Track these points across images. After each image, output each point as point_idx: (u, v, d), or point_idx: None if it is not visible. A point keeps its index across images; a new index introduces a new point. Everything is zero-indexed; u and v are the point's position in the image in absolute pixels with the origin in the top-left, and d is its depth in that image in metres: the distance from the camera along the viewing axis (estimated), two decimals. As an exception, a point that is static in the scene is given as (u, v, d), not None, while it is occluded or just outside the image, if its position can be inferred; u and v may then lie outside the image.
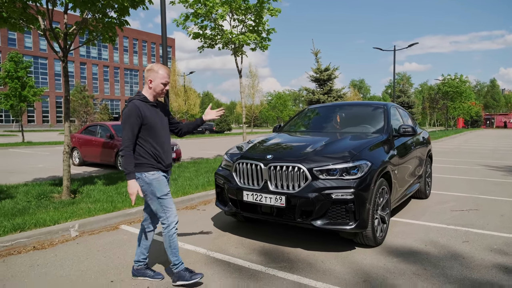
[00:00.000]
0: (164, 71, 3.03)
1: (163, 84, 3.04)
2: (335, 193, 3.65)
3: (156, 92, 3.06)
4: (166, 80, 3.04)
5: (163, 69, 3.03)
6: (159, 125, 3.07)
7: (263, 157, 4.05)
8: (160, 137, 3.06)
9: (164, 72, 3.03)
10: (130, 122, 2.92)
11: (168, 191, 3.06)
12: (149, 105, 3.03)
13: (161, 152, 3.05)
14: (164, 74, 3.03)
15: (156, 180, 2.99)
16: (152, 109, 3.05)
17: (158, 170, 3.01)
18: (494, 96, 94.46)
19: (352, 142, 4.32)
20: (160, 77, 3.02)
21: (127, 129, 2.92)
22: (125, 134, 2.93)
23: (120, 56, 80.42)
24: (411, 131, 4.88)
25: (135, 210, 5.27)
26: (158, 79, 3.02)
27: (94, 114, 30.93)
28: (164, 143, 3.10)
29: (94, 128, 12.08)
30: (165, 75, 3.03)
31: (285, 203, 3.77)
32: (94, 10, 6.11)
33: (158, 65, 3.03)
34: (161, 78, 3.02)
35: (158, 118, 3.07)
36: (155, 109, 3.09)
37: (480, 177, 9.23)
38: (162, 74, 3.02)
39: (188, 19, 10.52)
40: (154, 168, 2.98)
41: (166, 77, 3.03)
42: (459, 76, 43.47)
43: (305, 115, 6.05)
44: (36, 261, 3.67)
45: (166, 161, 3.09)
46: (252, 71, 45.52)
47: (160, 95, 3.09)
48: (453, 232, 4.62)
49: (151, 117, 3.01)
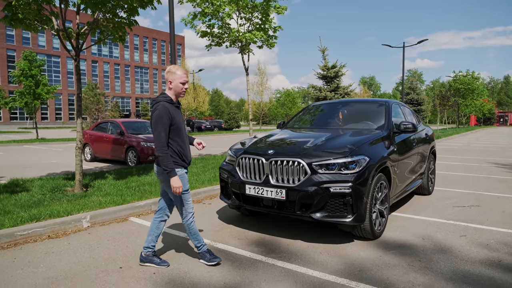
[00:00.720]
0: (181, 71, 3.27)
1: (182, 84, 3.27)
2: (333, 186, 3.79)
3: (177, 92, 3.30)
4: (184, 79, 3.28)
5: (180, 70, 3.29)
6: (182, 125, 3.33)
7: (265, 152, 4.21)
8: (183, 137, 3.33)
9: (181, 72, 3.27)
10: (163, 122, 3.14)
11: (188, 187, 3.35)
12: (174, 106, 3.28)
13: (185, 151, 3.33)
14: (182, 74, 3.27)
15: (181, 177, 3.25)
16: (177, 110, 3.30)
17: (182, 167, 3.28)
18: (508, 93, 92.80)
19: (351, 138, 4.45)
20: (178, 77, 3.25)
21: (160, 129, 3.14)
22: (158, 135, 3.14)
23: (131, 54, 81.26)
24: (412, 127, 4.98)
25: (144, 203, 5.49)
26: (176, 80, 3.26)
27: (105, 111, 31.55)
28: (186, 142, 3.37)
29: (105, 125, 12.39)
30: (183, 74, 3.27)
31: (285, 196, 3.93)
32: (104, 10, 6.34)
33: (175, 66, 3.28)
34: (179, 78, 3.26)
35: (181, 119, 3.33)
36: (178, 110, 3.36)
37: (487, 174, 9.24)
38: (179, 74, 3.26)
39: (196, 18, 10.72)
40: (179, 165, 3.26)
41: (184, 76, 3.27)
42: (470, 73, 42.93)
43: (309, 112, 6.19)
44: (51, 249, 3.91)
45: (188, 158, 3.37)
46: (260, 69, 45.62)
47: (180, 94, 3.32)
48: (452, 227, 4.72)
49: (177, 118, 3.26)
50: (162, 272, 3.32)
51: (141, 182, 7.03)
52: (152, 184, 6.83)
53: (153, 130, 3.19)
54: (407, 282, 3.11)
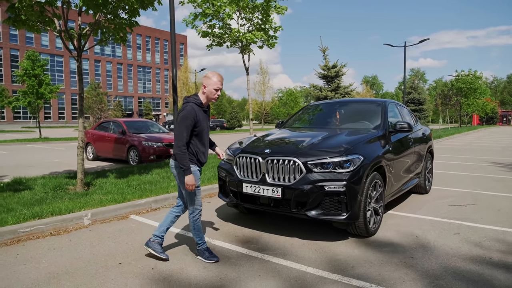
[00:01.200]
0: (217, 78, 3.40)
1: (215, 90, 3.41)
2: (328, 185, 3.88)
3: (209, 97, 3.44)
4: (218, 86, 3.41)
5: (216, 77, 3.41)
6: (206, 129, 3.48)
7: (261, 151, 4.30)
8: (204, 140, 3.49)
9: (217, 79, 3.40)
10: (187, 124, 3.29)
11: (199, 184, 3.50)
12: (202, 110, 3.43)
13: (202, 152, 3.49)
14: (217, 81, 3.40)
15: (195, 173, 3.43)
16: (203, 114, 3.44)
17: (196, 166, 3.45)
18: (511, 92, 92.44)
19: (347, 137, 4.54)
20: (212, 84, 3.39)
21: (183, 129, 3.28)
22: (180, 133, 3.28)
23: (134, 53, 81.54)
24: (407, 127, 5.05)
25: (144, 202, 5.60)
26: (211, 86, 3.39)
27: (107, 110, 31.76)
28: (205, 145, 3.52)
29: (107, 124, 12.52)
30: (217, 82, 3.40)
31: (281, 195, 4.02)
32: (106, 11, 6.45)
33: (213, 72, 3.42)
34: (213, 84, 3.39)
35: (206, 123, 3.47)
36: (206, 114, 3.49)
37: (485, 173, 9.28)
38: (214, 81, 3.39)
39: (197, 19, 10.81)
40: (193, 162, 3.41)
41: (218, 83, 3.41)
42: (473, 72, 42.84)
43: (307, 112, 6.27)
44: (52, 245, 4.02)
45: (203, 159, 3.53)
46: (262, 68, 45.73)
47: (212, 99, 3.46)
48: (446, 225, 4.79)
49: (202, 121, 3.40)
50: (160, 268, 3.42)
51: (141, 181, 7.14)
52: (152, 182, 6.94)
53: (177, 128, 3.36)
54: (398, 278, 3.20)
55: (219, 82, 3.41)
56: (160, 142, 10.85)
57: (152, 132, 12.17)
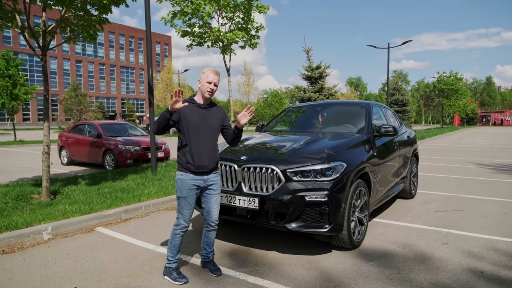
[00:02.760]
0: (210, 72, 3.17)
1: (208, 83, 3.14)
2: (309, 195, 3.57)
3: (202, 91, 3.17)
4: (211, 79, 3.14)
5: (210, 70, 3.18)
6: (200, 126, 3.14)
7: (237, 158, 3.97)
8: (196, 139, 3.13)
9: (209, 72, 3.16)
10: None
11: (188, 195, 3.15)
12: (195, 105, 3.16)
13: (193, 153, 3.12)
14: (209, 73, 3.15)
15: (180, 181, 3.16)
16: (196, 110, 3.17)
17: (187, 171, 3.13)
18: (490, 94, 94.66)
19: (329, 142, 4.24)
20: (205, 77, 3.15)
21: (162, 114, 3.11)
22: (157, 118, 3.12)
23: (116, 54, 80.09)
24: (392, 131, 4.80)
25: (113, 212, 5.18)
26: (203, 79, 3.16)
27: (88, 112, 30.84)
28: (200, 145, 3.15)
29: (82, 127, 11.97)
30: (210, 74, 3.15)
31: (259, 206, 3.69)
32: (73, 7, 6.00)
33: (208, 68, 3.20)
34: (205, 77, 3.15)
35: (200, 119, 3.15)
36: (201, 110, 3.19)
37: (469, 175, 9.19)
38: (207, 73, 3.16)
39: (176, 17, 10.41)
40: (183, 168, 3.14)
41: (210, 75, 3.14)
42: (454, 74, 43.51)
43: (288, 114, 5.97)
44: (2, 266, 3.58)
45: (196, 162, 3.13)
46: (247, 69, 45.39)
47: (205, 93, 3.16)
48: (434, 233, 4.55)
49: (191, 116, 3.12)
50: (121, 292, 3.04)
51: (114, 188, 6.70)
52: (125, 190, 6.51)
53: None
54: (385, 299, 2.90)
55: (213, 74, 3.15)
56: (137, 145, 10.40)
57: (130, 135, 11.68)
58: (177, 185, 3.18)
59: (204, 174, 3.18)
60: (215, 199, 3.27)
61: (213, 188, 3.25)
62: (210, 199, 3.25)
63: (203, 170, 3.16)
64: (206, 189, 3.24)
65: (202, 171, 3.16)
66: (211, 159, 3.20)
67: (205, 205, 3.29)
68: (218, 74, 3.21)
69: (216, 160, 3.27)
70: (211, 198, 3.25)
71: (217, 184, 3.28)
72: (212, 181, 3.24)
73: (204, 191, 3.24)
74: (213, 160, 3.21)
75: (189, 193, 3.15)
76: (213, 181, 3.25)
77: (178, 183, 3.17)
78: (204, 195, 3.26)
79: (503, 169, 10.37)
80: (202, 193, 3.27)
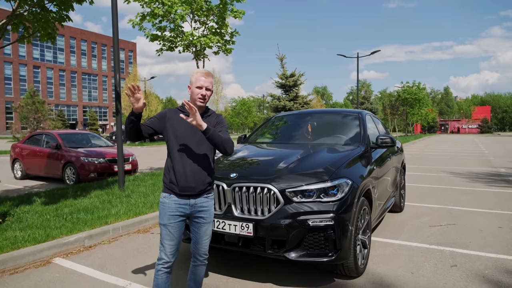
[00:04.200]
0: (198, 74, 2.64)
1: (198, 88, 2.61)
2: (312, 219, 3.07)
3: (192, 98, 2.64)
4: (201, 84, 2.60)
5: (199, 73, 2.65)
6: (188, 139, 2.59)
7: (225, 175, 3.40)
8: (183, 154, 2.57)
9: (198, 75, 2.63)
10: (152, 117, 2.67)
11: (169, 223, 2.57)
12: (185, 114, 2.53)
13: (177, 171, 2.56)
14: (199, 76, 2.62)
15: (161, 205, 2.62)
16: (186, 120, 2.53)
17: (170, 193, 2.59)
18: (448, 103, 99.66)
19: (328, 156, 3.78)
20: (193, 81, 2.63)
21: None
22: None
23: (78, 59, 76.81)
24: (390, 142, 4.43)
25: (74, 238, 4.43)
26: (193, 84, 2.63)
27: (46, 120, 28.88)
28: (187, 162, 2.56)
29: (39, 137, 10.87)
30: (200, 78, 2.61)
31: (253, 232, 3.14)
32: (27, 2, 5.23)
33: (196, 70, 2.71)
34: (194, 82, 2.62)
35: (189, 131, 2.60)
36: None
37: (449, 185, 9.12)
38: (196, 77, 2.63)
39: (145, 20, 9.70)
40: (167, 189, 2.61)
41: (199, 79, 2.61)
42: (417, 84, 45.24)
43: (273, 124, 5.47)
44: None
45: (179, 182, 2.55)
46: (215, 77, 44.82)
47: (197, 101, 2.61)
48: (437, 253, 4.19)
49: (179, 125, 2.59)
50: None
51: (75, 208, 5.89)
52: (89, 210, 5.72)
53: None
54: None
55: (202, 77, 2.60)
56: (102, 157, 9.51)
57: (93, 145, 10.73)
58: (160, 210, 2.62)
59: (190, 197, 2.58)
60: (204, 229, 2.67)
61: (203, 216, 2.63)
62: (199, 229, 2.66)
63: (189, 193, 2.57)
64: (194, 217, 2.64)
65: (187, 194, 2.57)
66: (200, 180, 2.58)
67: (193, 235, 2.69)
68: (210, 75, 2.65)
69: (208, 181, 2.63)
70: (200, 228, 2.66)
71: (209, 211, 2.66)
72: (202, 207, 2.62)
73: (193, 219, 2.65)
74: (202, 181, 2.59)
75: (171, 221, 2.55)
76: (203, 207, 2.63)
77: (160, 207, 2.62)
78: (192, 223, 2.67)
79: (477, 178, 10.44)
80: (190, 221, 2.68)
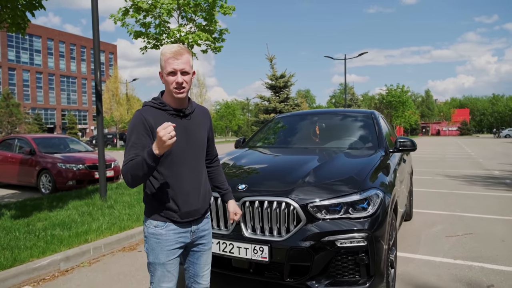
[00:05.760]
0: (167, 55, 1.80)
1: (170, 75, 1.81)
2: (341, 239, 2.53)
3: (168, 89, 1.87)
4: (173, 67, 1.79)
5: (167, 53, 1.80)
6: (183, 147, 1.88)
7: (232, 187, 2.82)
8: (179, 169, 1.88)
9: (167, 56, 1.80)
10: (133, 137, 1.81)
11: (168, 262, 1.90)
12: (168, 113, 1.88)
13: (177, 193, 1.87)
14: (167, 59, 1.80)
15: (155, 238, 1.89)
16: (173, 121, 1.82)
17: (166, 221, 1.88)
18: (428, 106, 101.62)
19: (350, 164, 3.27)
20: (164, 67, 1.82)
21: (130, 147, 1.81)
22: (126, 153, 1.82)
23: (56, 61, 74.46)
24: (411, 145, 3.94)
25: (47, 262, 3.74)
26: (164, 71, 1.83)
27: (21, 124, 27.55)
28: (186, 178, 1.89)
29: (11, 142, 9.99)
30: (169, 59, 1.79)
31: (269, 257, 2.58)
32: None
33: (163, 49, 1.84)
34: (164, 66, 1.81)
35: (182, 136, 1.86)
36: (179, 121, 1.90)
37: (448, 189, 8.80)
38: (166, 59, 1.80)
39: (128, 15, 9.02)
40: (161, 216, 1.89)
41: (170, 63, 1.79)
42: (401, 87, 45.72)
43: (276, 126, 4.92)
44: None
45: (182, 207, 1.87)
46: (200, 80, 44.15)
47: (174, 92, 1.83)
48: (467, 270, 3.72)
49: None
50: None
51: (51, 222, 5.18)
52: (66, 224, 5.02)
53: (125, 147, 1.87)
54: None
55: (173, 57, 1.79)
56: (81, 163, 8.74)
57: (71, 151, 9.95)
58: (149, 245, 1.92)
59: (193, 223, 1.96)
60: (205, 258, 2.06)
61: (204, 242, 2.03)
62: (199, 259, 2.04)
63: (194, 218, 1.94)
64: (193, 245, 2.01)
65: (191, 219, 1.93)
66: (204, 197, 1.99)
67: (191, 266, 2.06)
68: (184, 52, 1.82)
69: (209, 197, 2.07)
70: (201, 257, 2.04)
71: (208, 235, 2.08)
72: (203, 230, 2.02)
73: (191, 248, 2.02)
74: (204, 198, 1.99)
75: (170, 257, 1.90)
76: (204, 230, 2.03)
77: (151, 241, 1.90)
78: (190, 253, 2.04)
79: (474, 181, 10.18)
80: (186, 250, 2.03)
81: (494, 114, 75.50)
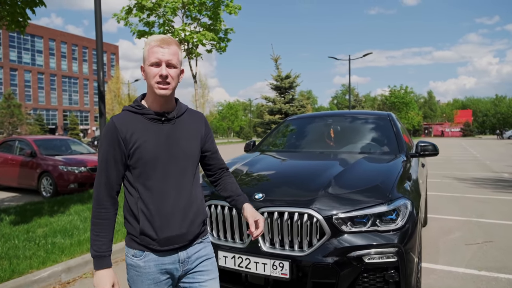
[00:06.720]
0: (153, 44, 1.50)
1: (154, 66, 1.50)
2: (368, 255, 2.31)
3: (150, 84, 1.53)
4: (158, 58, 1.49)
5: (153, 42, 1.51)
6: (162, 159, 1.55)
7: (247, 197, 2.61)
8: (157, 185, 1.54)
9: (152, 45, 1.50)
10: (104, 156, 1.52)
11: None
12: (146, 117, 1.56)
13: (154, 215, 1.52)
14: (152, 47, 1.50)
15: (133, 270, 1.57)
16: (151, 127, 1.56)
17: (144, 250, 1.54)
18: (431, 107, 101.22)
19: (374, 170, 3.04)
20: (146, 56, 1.52)
21: (99, 166, 1.54)
22: (97, 177, 1.54)
23: (58, 62, 74.50)
24: (433, 149, 3.72)
25: (48, 273, 3.53)
26: (146, 62, 1.53)
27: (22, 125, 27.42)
28: (166, 197, 1.54)
29: (12, 143, 9.80)
30: (154, 48, 1.49)
31: (290, 273, 2.35)
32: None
33: (147, 40, 1.55)
34: (147, 56, 1.51)
35: (161, 145, 1.56)
36: (160, 126, 1.57)
37: (459, 192, 8.57)
38: (149, 49, 1.51)
39: (131, 14, 8.83)
40: (137, 244, 1.55)
41: (155, 51, 1.49)
42: (404, 88, 45.46)
43: (288, 129, 4.70)
44: None
45: (160, 232, 1.52)
46: (202, 80, 44.04)
47: (156, 88, 1.51)
48: (493, 283, 3.50)
49: (145, 141, 1.53)
50: None
51: (51, 228, 4.97)
52: (67, 231, 4.80)
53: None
54: None
55: (157, 46, 1.49)
56: (83, 165, 8.54)
57: (73, 152, 9.75)
58: (130, 276, 1.60)
59: (180, 250, 1.59)
60: None
61: (203, 270, 1.64)
62: None
63: (177, 245, 1.57)
64: (191, 277, 1.63)
65: (174, 248, 1.57)
66: (193, 221, 1.60)
67: None
68: (172, 42, 1.53)
69: (202, 219, 1.67)
70: None
71: (210, 259, 1.69)
72: (198, 258, 1.64)
73: (189, 280, 1.63)
74: (195, 222, 1.61)
75: None
76: (201, 257, 1.65)
77: (131, 273, 1.59)
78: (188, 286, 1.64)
79: (484, 184, 9.96)
80: (180, 280, 1.64)
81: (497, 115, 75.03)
